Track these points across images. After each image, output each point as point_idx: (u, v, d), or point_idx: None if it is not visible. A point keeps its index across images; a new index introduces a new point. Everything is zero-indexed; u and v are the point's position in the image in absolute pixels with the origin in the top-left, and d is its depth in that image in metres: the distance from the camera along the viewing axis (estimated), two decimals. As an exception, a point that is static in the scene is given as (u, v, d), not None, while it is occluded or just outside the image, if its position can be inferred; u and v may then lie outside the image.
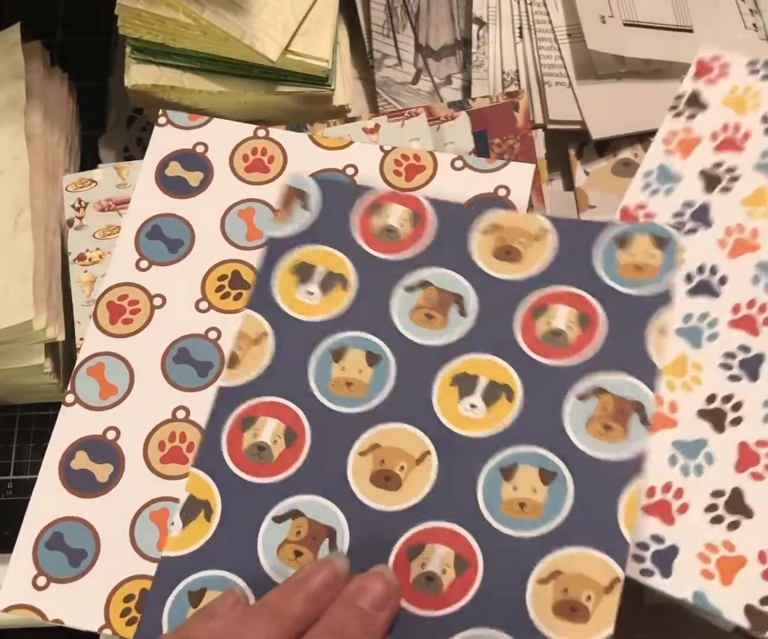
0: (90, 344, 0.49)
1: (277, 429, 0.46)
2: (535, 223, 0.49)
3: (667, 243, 0.47)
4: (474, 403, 0.46)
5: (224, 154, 0.54)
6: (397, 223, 0.50)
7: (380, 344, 0.48)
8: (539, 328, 0.47)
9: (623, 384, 0.45)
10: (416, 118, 0.55)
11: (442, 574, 0.42)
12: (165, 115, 0.55)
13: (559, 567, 0.41)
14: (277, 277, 0.50)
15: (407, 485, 0.44)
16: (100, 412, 0.48)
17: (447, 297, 0.48)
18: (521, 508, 0.43)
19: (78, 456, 0.47)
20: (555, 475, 0.43)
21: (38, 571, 0.45)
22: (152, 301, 0.50)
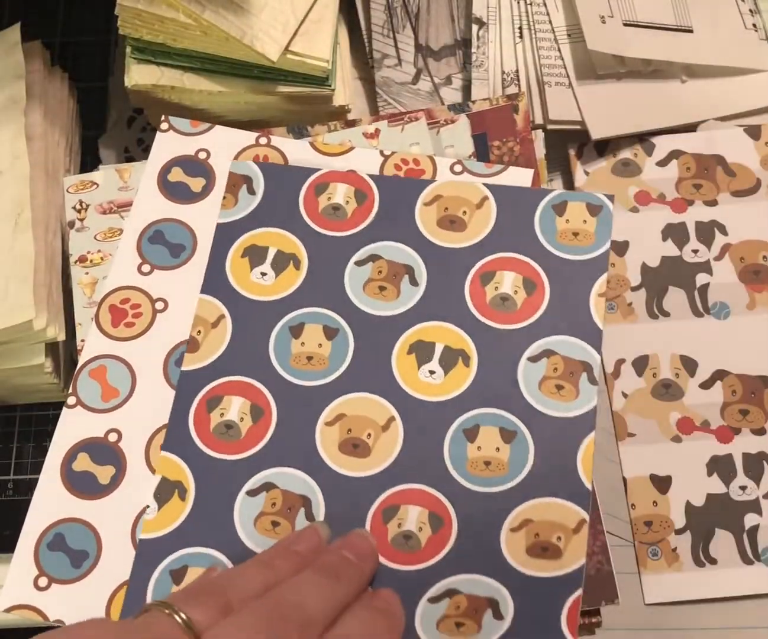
0: (92, 346, 0.49)
1: (242, 406, 0.47)
2: (476, 193, 0.51)
3: (601, 210, 0.50)
4: (432, 369, 0.47)
5: (226, 161, 0.54)
6: (343, 201, 0.52)
7: (337, 318, 0.49)
8: (488, 293, 0.49)
9: (570, 346, 0.47)
10: (416, 122, 0.55)
11: (419, 532, 0.44)
12: (167, 121, 0.55)
13: (528, 516, 0.44)
14: (229, 260, 0.51)
15: (376, 451, 0.46)
16: (101, 414, 0.48)
17: (397, 268, 0.50)
18: (486, 466, 0.45)
19: (80, 458, 0.47)
20: (515, 433, 0.46)
21: (40, 571, 0.45)
22: (154, 305, 0.50)
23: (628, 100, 0.58)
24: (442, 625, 0.42)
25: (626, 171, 0.58)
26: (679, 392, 0.52)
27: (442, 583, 0.43)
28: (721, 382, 0.52)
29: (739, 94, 0.59)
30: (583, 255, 0.49)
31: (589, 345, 0.47)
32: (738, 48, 0.60)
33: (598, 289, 0.48)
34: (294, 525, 0.45)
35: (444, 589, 0.43)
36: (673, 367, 0.53)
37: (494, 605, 0.42)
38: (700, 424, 0.52)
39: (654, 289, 0.55)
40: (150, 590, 0.44)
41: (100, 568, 0.45)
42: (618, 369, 0.53)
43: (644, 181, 0.57)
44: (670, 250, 0.56)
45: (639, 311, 0.54)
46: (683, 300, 0.54)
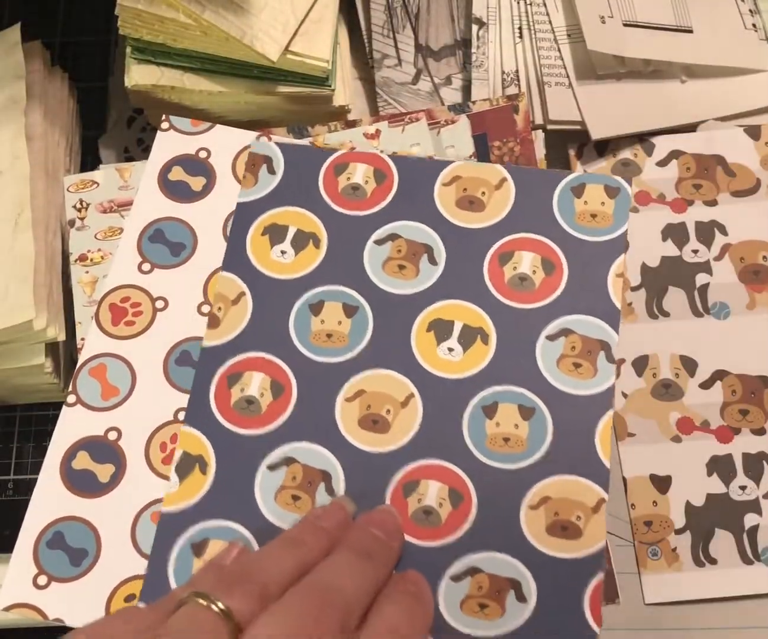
0: (92, 345, 0.49)
1: (263, 382, 0.48)
2: (495, 174, 0.52)
3: (619, 192, 0.51)
4: (451, 347, 0.48)
5: (227, 159, 0.54)
6: (362, 181, 0.52)
7: (356, 296, 0.49)
8: (506, 273, 0.49)
9: (588, 325, 0.48)
10: (417, 123, 0.55)
11: (439, 508, 0.44)
12: (168, 120, 0.55)
13: (547, 493, 0.44)
14: (250, 239, 0.51)
15: (395, 427, 0.46)
16: (101, 412, 0.48)
17: (416, 248, 0.50)
18: (506, 442, 0.46)
19: (79, 456, 0.47)
20: (534, 410, 0.46)
21: (39, 570, 0.45)
22: (154, 304, 0.50)
23: (628, 100, 0.58)
24: (466, 605, 0.42)
25: (626, 171, 0.58)
26: (678, 392, 0.52)
27: (463, 561, 0.43)
28: (721, 382, 0.52)
29: (738, 95, 0.59)
30: (601, 236, 0.50)
31: (607, 324, 0.48)
32: (738, 48, 0.60)
33: (616, 269, 0.49)
34: (314, 499, 0.45)
35: (466, 567, 0.43)
36: (673, 367, 0.53)
37: (516, 586, 0.42)
38: (699, 424, 0.52)
39: (654, 289, 0.55)
40: (171, 563, 0.44)
41: (100, 566, 0.44)
42: (618, 369, 0.53)
43: (644, 181, 0.57)
44: (670, 250, 0.56)
45: (639, 311, 0.54)
46: (683, 300, 0.54)
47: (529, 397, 0.46)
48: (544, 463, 0.45)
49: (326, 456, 0.46)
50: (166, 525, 0.45)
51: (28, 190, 0.54)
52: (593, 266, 0.49)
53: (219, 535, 0.45)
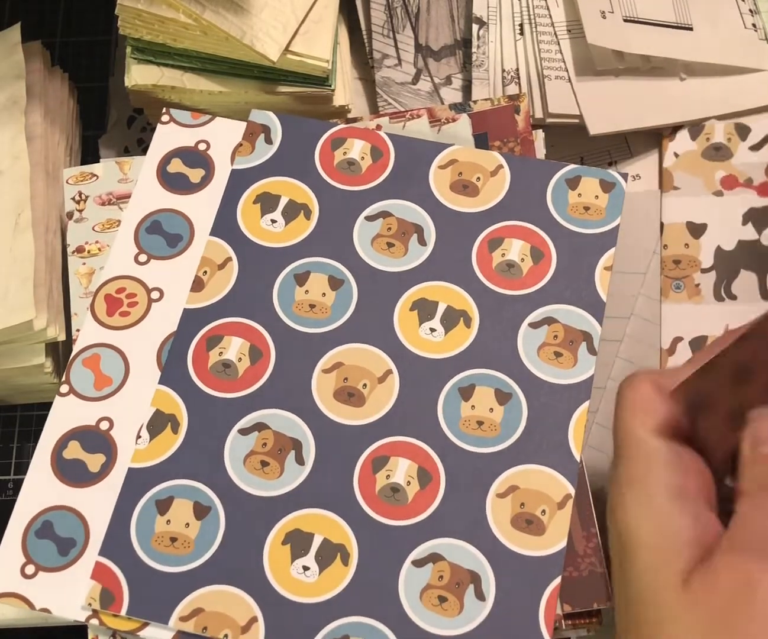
0: (86, 335, 0.49)
1: (242, 347, 0.48)
2: (491, 160, 0.52)
3: (614, 187, 0.51)
4: (433, 327, 0.48)
5: (226, 152, 0.54)
6: (358, 157, 0.52)
7: (343, 269, 0.49)
8: (494, 259, 0.49)
9: (572, 315, 0.48)
10: (418, 119, 0.55)
11: (407, 486, 0.44)
12: (168, 113, 0.55)
13: (515, 482, 0.44)
14: (241, 206, 0.51)
15: (370, 402, 0.46)
16: (94, 402, 0.48)
17: (407, 227, 0.50)
18: (479, 425, 0.46)
19: (71, 445, 0.47)
20: (510, 396, 0.46)
21: (27, 559, 0.44)
22: (150, 295, 0.50)
23: (627, 96, 0.58)
24: (425, 597, 0.42)
25: (717, 155, 0.57)
26: None
27: (426, 545, 0.43)
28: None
29: (738, 93, 0.59)
30: (592, 229, 0.50)
31: (591, 315, 0.48)
32: (737, 47, 0.60)
33: (605, 262, 0.49)
34: (283, 467, 0.45)
35: (428, 551, 0.43)
36: None
37: (477, 581, 0.42)
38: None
39: (725, 272, 0.54)
40: (135, 518, 0.44)
41: (87, 556, 0.44)
42: (674, 346, 0.52)
43: (733, 166, 0.57)
44: (748, 234, 0.55)
45: (705, 293, 0.54)
46: (754, 283, 0.54)
47: (506, 382, 0.46)
48: (516, 450, 0.45)
49: (299, 424, 0.46)
50: (133, 480, 0.45)
51: (28, 190, 0.54)
52: (582, 257, 0.49)
53: (184, 495, 0.45)
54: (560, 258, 0.49)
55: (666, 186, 0.57)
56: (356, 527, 0.44)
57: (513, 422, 0.45)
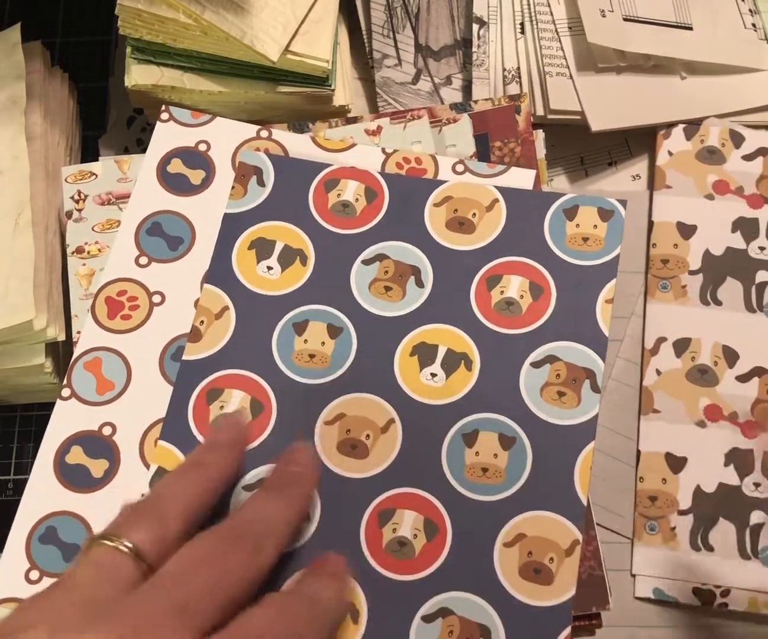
0: (87, 338, 0.49)
1: (243, 400, 0.47)
2: (486, 195, 0.51)
3: (612, 215, 0.50)
4: (434, 372, 0.47)
5: (227, 153, 0.54)
6: (353, 198, 0.51)
7: (341, 316, 0.49)
8: (493, 297, 0.49)
9: (575, 352, 0.47)
10: (418, 120, 0.55)
11: (414, 539, 0.44)
12: (168, 111, 0.55)
13: (522, 530, 0.43)
14: (236, 252, 0.50)
15: (374, 453, 0.46)
16: (96, 407, 0.48)
17: (404, 269, 0.50)
18: (484, 472, 0.45)
19: (73, 451, 0.47)
20: (514, 440, 0.45)
21: (31, 564, 0.44)
22: (151, 298, 0.50)
23: (628, 94, 0.58)
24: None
25: (710, 158, 0.57)
26: (713, 380, 0.52)
27: (435, 600, 0.42)
28: (759, 379, 0.52)
29: (738, 93, 0.59)
30: (591, 260, 0.49)
31: (594, 352, 0.47)
32: (737, 47, 0.60)
33: (606, 295, 0.48)
34: None
35: (437, 606, 0.42)
36: (714, 355, 0.52)
37: (486, 635, 0.42)
38: (728, 414, 0.51)
39: (712, 277, 0.54)
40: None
41: None
42: (657, 346, 0.53)
43: (726, 171, 0.57)
44: (736, 242, 0.55)
45: (692, 295, 0.54)
46: (739, 292, 0.54)
47: (510, 426, 0.45)
48: (521, 496, 0.44)
49: None
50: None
51: (28, 190, 0.54)
52: (582, 291, 0.48)
53: None
54: (560, 293, 0.48)
55: (658, 184, 0.57)
56: (364, 583, 0.43)
57: (518, 467, 0.45)
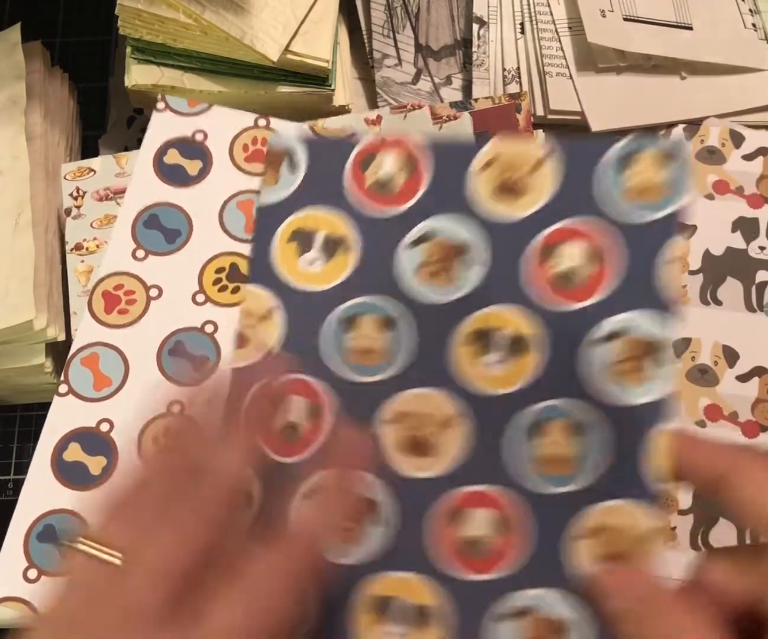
0: (85, 334, 0.49)
1: (299, 405, 0.45)
2: (534, 151, 0.46)
3: (675, 157, 0.44)
4: (494, 360, 0.44)
5: (224, 143, 0.52)
6: (391, 174, 0.47)
7: (390, 308, 0.45)
8: (550, 270, 0.44)
9: (641, 323, 0.42)
10: (419, 110, 0.54)
11: (487, 538, 0.42)
12: (164, 100, 0.54)
13: (599, 520, 0.40)
14: (276, 247, 0.47)
15: (438, 450, 0.43)
16: (93, 403, 0.47)
17: (452, 249, 0.46)
18: (553, 463, 0.42)
19: (71, 447, 0.46)
20: (583, 426, 0.42)
21: (29, 563, 0.44)
22: (148, 292, 0.49)
23: (628, 94, 0.58)
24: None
25: (710, 158, 0.57)
26: (713, 380, 0.52)
27: (512, 598, 0.41)
28: (759, 379, 0.52)
29: (738, 93, 0.59)
30: (651, 215, 0.43)
31: (663, 320, 0.42)
32: (737, 47, 0.60)
33: (673, 253, 0.42)
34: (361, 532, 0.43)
35: (514, 604, 0.41)
36: (714, 354, 0.52)
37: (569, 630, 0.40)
38: (728, 414, 0.51)
39: (712, 277, 0.54)
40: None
41: None
42: None
43: (726, 172, 0.56)
44: (736, 242, 0.55)
45: (692, 295, 0.54)
46: (739, 292, 0.54)
47: (577, 412, 0.42)
48: (596, 486, 0.41)
49: (367, 482, 0.43)
50: None
51: (28, 190, 0.54)
52: (645, 252, 0.43)
53: None
54: (621, 257, 0.43)
55: None
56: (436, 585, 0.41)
57: (589, 455, 0.41)
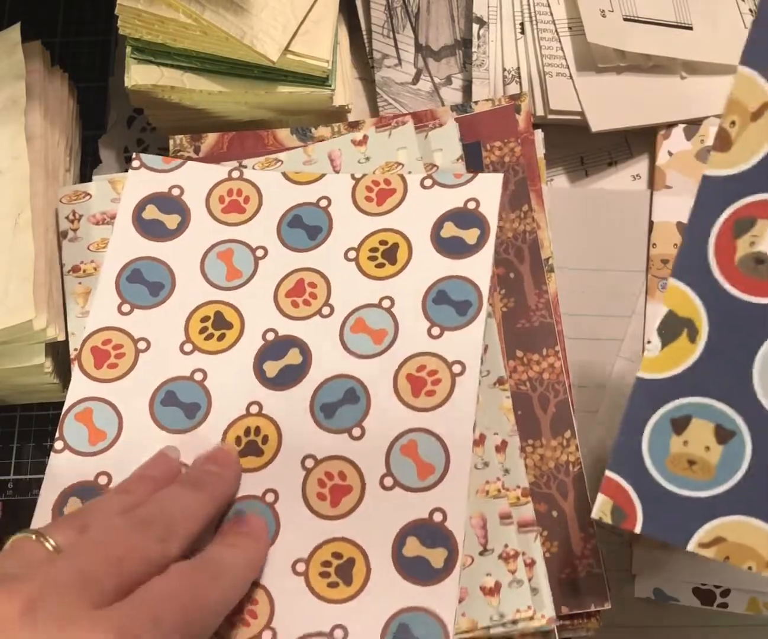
0: (76, 390, 0.49)
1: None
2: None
3: None
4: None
5: (200, 196, 0.53)
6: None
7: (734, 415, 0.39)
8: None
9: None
10: (403, 126, 0.55)
11: None
12: (138, 159, 0.54)
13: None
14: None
15: None
16: (90, 457, 0.47)
17: None
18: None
19: (71, 503, 0.46)
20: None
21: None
22: (136, 345, 0.50)
23: (628, 94, 0.58)
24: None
25: None
26: None
27: None
28: None
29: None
30: None
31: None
32: (737, 47, 0.59)
33: None
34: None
35: None
36: None
37: None
38: None
39: None
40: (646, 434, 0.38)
41: None
42: None
43: None
44: None
45: None
46: None
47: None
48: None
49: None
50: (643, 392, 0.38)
51: (28, 190, 0.54)
52: None
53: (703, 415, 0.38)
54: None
55: (658, 184, 0.57)
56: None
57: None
